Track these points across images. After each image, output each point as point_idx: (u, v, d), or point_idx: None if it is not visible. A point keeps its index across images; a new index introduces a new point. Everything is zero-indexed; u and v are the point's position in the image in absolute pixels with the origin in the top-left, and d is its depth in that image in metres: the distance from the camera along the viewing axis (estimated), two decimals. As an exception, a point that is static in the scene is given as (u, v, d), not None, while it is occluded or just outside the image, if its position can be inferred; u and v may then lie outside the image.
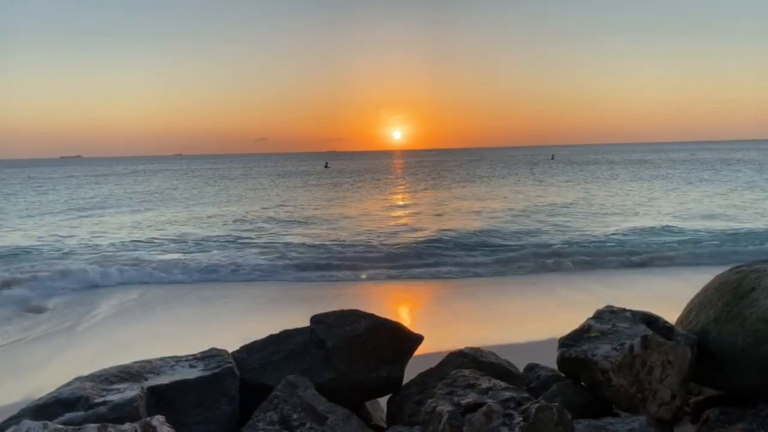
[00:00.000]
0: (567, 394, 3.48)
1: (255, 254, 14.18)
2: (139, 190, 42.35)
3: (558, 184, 36.53)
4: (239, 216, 23.07)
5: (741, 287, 3.62)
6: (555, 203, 24.83)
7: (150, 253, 14.86)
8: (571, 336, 3.67)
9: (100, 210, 27.37)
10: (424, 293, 10.76)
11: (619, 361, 3.31)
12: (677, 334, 3.54)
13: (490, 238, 15.63)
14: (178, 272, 12.25)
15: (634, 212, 20.73)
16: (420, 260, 13.01)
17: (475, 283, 11.10)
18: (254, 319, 8.93)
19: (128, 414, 2.71)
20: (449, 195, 31.66)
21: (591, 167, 59.33)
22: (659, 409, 3.34)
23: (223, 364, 3.34)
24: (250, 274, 12.15)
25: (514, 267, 12.18)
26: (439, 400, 2.75)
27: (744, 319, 3.44)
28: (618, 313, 3.79)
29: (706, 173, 42.30)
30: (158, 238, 17.46)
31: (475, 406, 2.58)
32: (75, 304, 9.92)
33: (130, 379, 3.10)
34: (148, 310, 9.53)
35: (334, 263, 12.84)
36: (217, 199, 33.07)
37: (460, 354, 3.80)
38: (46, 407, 2.79)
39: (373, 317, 3.73)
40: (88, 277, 11.76)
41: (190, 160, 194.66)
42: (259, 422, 2.92)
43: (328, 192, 36.19)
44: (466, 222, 19.22)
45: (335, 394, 3.36)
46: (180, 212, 25.55)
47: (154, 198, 34.62)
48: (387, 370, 3.64)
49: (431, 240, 15.34)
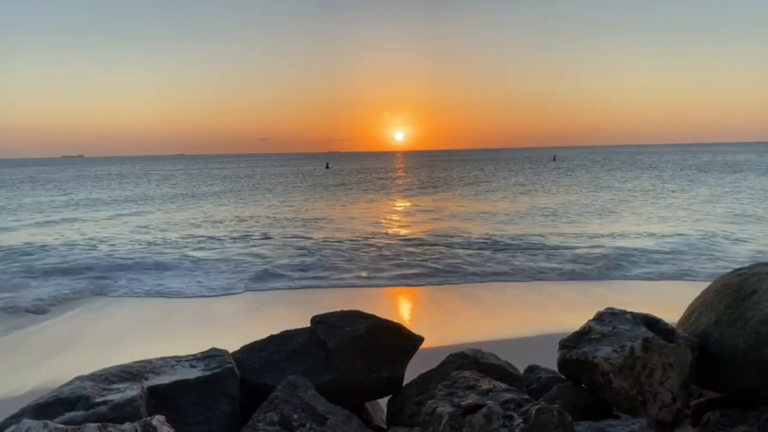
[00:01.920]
0: (567, 395, 3.47)
1: (262, 254, 14.23)
2: (175, 191, 42.31)
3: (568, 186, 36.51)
4: (269, 216, 23.30)
5: (742, 290, 3.61)
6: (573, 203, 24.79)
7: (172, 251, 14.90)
8: (572, 338, 3.67)
9: (169, 205, 28.40)
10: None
11: (620, 363, 3.30)
12: (678, 337, 3.54)
13: (502, 240, 15.59)
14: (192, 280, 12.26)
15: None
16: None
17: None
18: (254, 319, 8.94)
19: (129, 414, 2.71)
20: (464, 197, 31.58)
21: (591, 168, 59.33)
22: (660, 411, 3.34)
23: (224, 364, 3.34)
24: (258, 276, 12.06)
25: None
26: (439, 401, 2.74)
27: (745, 322, 3.43)
28: (619, 315, 3.78)
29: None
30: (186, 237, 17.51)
31: (476, 407, 2.58)
32: (79, 306, 9.93)
33: (131, 379, 3.10)
34: (149, 310, 9.55)
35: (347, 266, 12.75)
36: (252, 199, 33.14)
37: (461, 355, 3.80)
38: (47, 406, 2.79)
39: (374, 318, 3.73)
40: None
41: (192, 160, 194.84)
42: (259, 422, 2.92)
43: (333, 195, 36.15)
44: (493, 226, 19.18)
45: (336, 395, 3.36)
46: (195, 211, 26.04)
47: (181, 196, 34.93)
48: (387, 371, 3.64)
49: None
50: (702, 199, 25.66)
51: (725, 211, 21.10)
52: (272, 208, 26.70)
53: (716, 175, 43.74)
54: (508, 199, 29.01)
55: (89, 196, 36.88)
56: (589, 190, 32.42)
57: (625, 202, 25.36)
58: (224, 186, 46.45)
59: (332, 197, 33.17)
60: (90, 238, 17.88)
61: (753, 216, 19.51)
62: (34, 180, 62.86)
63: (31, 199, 35.76)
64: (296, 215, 23.59)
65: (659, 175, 45.19)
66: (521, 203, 26.32)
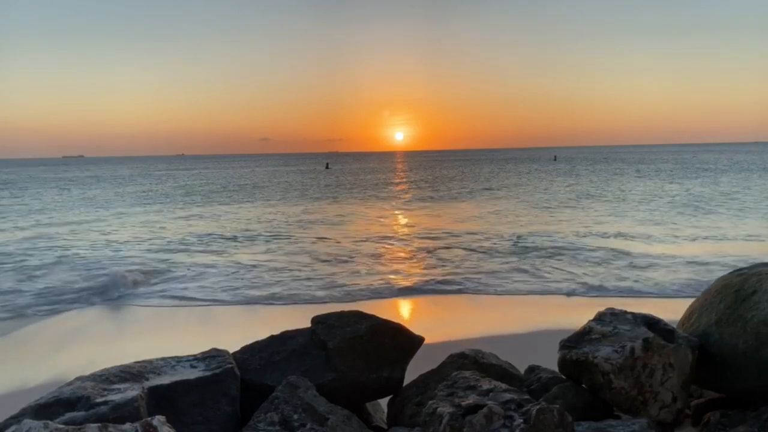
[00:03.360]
0: (568, 396, 3.47)
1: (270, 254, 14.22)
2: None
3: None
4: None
5: (742, 290, 3.61)
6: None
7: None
8: (572, 338, 3.66)
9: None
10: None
11: (620, 363, 3.30)
12: (678, 337, 3.54)
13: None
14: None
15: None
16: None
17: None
18: (255, 319, 8.94)
19: (129, 414, 2.71)
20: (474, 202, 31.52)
21: (592, 168, 59.27)
22: (660, 411, 3.33)
23: (224, 364, 3.34)
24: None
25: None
26: (439, 402, 2.74)
27: (745, 322, 3.43)
28: (619, 316, 3.77)
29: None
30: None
31: (476, 407, 2.58)
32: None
33: (131, 379, 3.10)
34: (149, 310, 9.55)
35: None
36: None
37: (461, 355, 3.80)
38: (47, 407, 2.79)
39: (374, 318, 3.73)
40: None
41: (194, 160, 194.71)
42: (259, 423, 2.92)
43: (335, 196, 36.08)
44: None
45: (336, 395, 3.36)
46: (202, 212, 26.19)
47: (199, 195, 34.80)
48: (388, 371, 3.64)
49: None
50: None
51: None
52: (273, 209, 26.70)
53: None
54: (507, 199, 29.02)
55: (97, 196, 36.91)
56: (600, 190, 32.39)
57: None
58: (226, 187, 46.45)
59: (333, 199, 33.15)
60: (94, 239, 17.89)
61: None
62: (40, 179, 62.85)
63: (36, 199, 35.78)
64: (298, 216, 23.60)
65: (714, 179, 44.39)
66: (521, 203, 26.31)
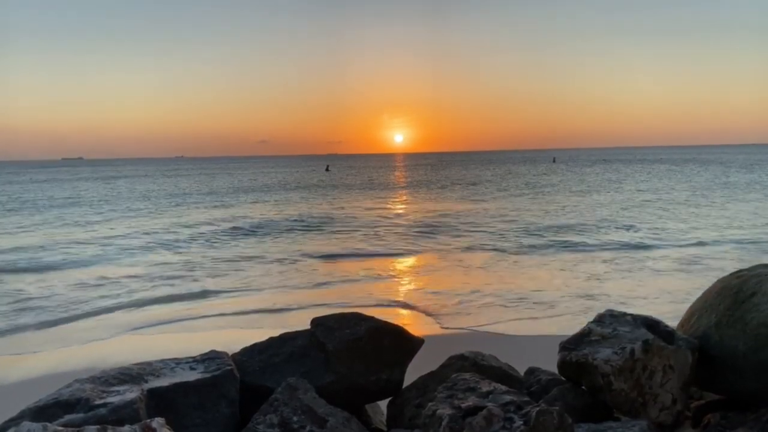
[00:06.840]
0: (567, 397, 3.46)
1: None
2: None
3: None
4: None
5: (742, 292, 3.60)
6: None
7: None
8: (572, 340, 3.66)
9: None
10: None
11: (620, 365, 3.30)
12: (678, 339, 3.53)
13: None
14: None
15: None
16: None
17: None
18: (254, 321, 8.92)
19: (128, 416, 2.70)
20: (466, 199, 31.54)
21: (592, 168, 59.28)
22: (660, 413, 3.33)
23: (224, 366, 3.33)
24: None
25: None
26: (439, 404, 2.74)
27: (745, 324, 3.43)
28: (619, 317, 3.77)
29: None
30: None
31: (476, 409, 2.58)
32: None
33: (130, 381, 3.09)
34: (150, 311, 9.53)
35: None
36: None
37: (461, 357, 3.79)
38: (46, 409, 2.78)
39: (374, 320, 3.71)
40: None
41: (194, 162, 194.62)
42: (259, 425, 2.91)
43: (338, 198, 36.09)
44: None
45: (335, 397, 3.35)
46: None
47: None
48: (387, 373, 3.63)
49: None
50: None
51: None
52: (273, 208, 26.70)
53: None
54: (505, 199, 29.01)
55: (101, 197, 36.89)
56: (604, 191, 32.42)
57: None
58: (229, 189, 46.44)
59: (337, 201, 33.13)
60: (97, 241, 17.89)
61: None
62: (49, 180, 62.95)
63: (36, 198, 35.74)
64: (298, 216, 23.60)
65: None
66: (519, 204, 26.30)
